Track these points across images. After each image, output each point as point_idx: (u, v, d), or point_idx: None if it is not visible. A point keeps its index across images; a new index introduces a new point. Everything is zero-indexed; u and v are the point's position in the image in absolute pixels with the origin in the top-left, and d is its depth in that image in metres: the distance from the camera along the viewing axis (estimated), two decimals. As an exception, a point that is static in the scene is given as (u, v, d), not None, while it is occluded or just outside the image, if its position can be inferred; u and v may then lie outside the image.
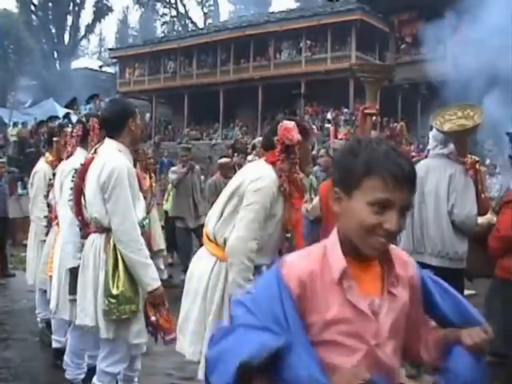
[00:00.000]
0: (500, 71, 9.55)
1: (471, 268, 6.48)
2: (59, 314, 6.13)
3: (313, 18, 38.37)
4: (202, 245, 6.84)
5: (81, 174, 5.14)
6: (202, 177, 16.69)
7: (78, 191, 5.20)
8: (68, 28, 61.88)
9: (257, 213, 4.20)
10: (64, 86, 49.14)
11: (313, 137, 5.02)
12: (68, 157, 6.32)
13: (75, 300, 5.69)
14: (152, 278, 4.79)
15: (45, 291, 7.64)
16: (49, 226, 7.47)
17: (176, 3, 64.55)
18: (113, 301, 4.70)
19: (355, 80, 28.83)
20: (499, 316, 6.50)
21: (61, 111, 31.29)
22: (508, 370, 6.09)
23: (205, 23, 66.10)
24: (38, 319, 8.12)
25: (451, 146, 6.58)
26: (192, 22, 64.74)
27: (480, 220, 6.45)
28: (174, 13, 66.63)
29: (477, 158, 6.77)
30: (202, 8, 71.32)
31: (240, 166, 14.42)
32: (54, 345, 6.98)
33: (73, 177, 5.34)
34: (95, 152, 5.11)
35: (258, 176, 4.29)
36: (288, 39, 39.99)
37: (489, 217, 6.56)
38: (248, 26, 41.67)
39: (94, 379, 5.13)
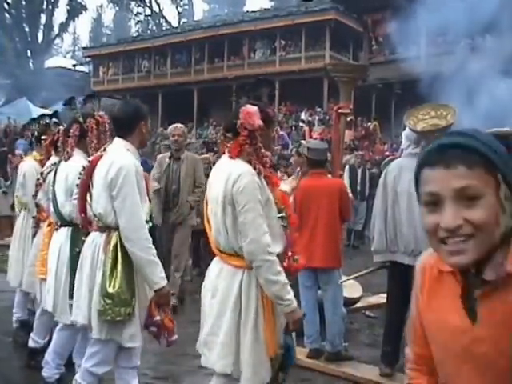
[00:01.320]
0: (474, 70, 9.62)
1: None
2: (58, 318, 6.02)
3: (287, 17, 38.37)
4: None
5: (88, 171, 5.14)
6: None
7: (84, 188, 5.20)
8: (41, 26, 61.33)
9: (254, 210, 4.13)
10: (37, 85, 48.83)
11: (275, 123, 4.96)
12: (68, 158, 6.19)
13: None
14: (160, 276, 4.80)
15: (27, 293, 7.59)
16: (37, 226, 7.32)
17: (150, 2, 64.24)
18: (108, 301, 4.69)
19: (329, 80, 28.88)
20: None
21: (34, 110, 31.17)
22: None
23: (179, 22, 65.84)
24: (14, 319, 8.00)
25: (424, 146, 6.63)
26: (166, 21, 64.46)
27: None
28: (148, 12, 66.29)
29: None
30: (177, 7, 71.05)
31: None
32: (31, 344, 6.90)
33: (80, 174, 5.30)
34: (104, 150, 5.12)
35: (236, 176, 4.19)
36: (262, 39, 39.97)
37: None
38: (222, 26, 41.59)
39: (77, 377, 5.11)
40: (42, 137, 7.72)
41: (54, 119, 7.61)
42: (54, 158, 6.96)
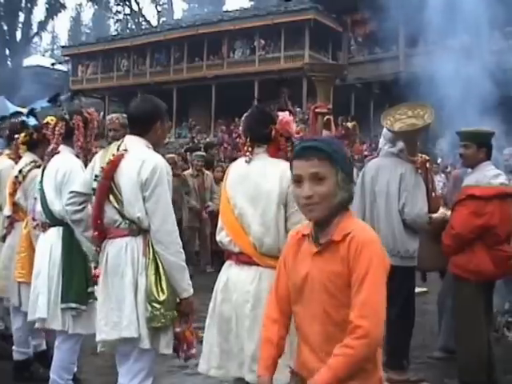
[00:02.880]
0: (453, 70, 9.67)
1: (424, 262, 6.55)
2: (48, 323, 5.66)
3: (266, 17, 38.45)
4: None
5: (109, 173, 4.62)
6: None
7: (104, 192, 4.64)
8: (20, 25, 60.92)
9: None
10: (16, 84, 48.46)
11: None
12: (52, 155, 5.88)
13: (69, 308, 5.52)
14: (188, 283, 4.54)
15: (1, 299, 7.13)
16: (10, 227, 6.85)
17: (130, 1, 64.01)
18: (158, 306, 4.38)
19: (308, 79, 28.93)
20: (450, 313, 6.62)
21: (12, 109, 30.87)
22: (459, 365, 6.18)
23: (158, 21, 65.78)
24: None
25: (400, 144, 6.62)
26: (145, 20, 64.29)
27: (434, 215, 6.52)
28: (127, 11, 66.02)
29: (427, 157, 6.84)
30: (156, 6, 71.01)
31: (192, 164, 14.29)
32: (18, 357, 6.56)
33: (96, 176, 4.74)
34: (123, 149, 4.68)
35: (289, 176, 4.05)
36: (242, 38, 40.02)
37: (442, 211, 6.64)
38: (202, 25, 41.54)
39: None
40: (16, 135, 7.39)
41: (31, 117, 7.36)
42: (30, 156, 6.75)
